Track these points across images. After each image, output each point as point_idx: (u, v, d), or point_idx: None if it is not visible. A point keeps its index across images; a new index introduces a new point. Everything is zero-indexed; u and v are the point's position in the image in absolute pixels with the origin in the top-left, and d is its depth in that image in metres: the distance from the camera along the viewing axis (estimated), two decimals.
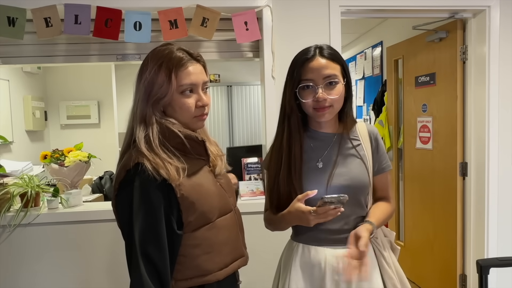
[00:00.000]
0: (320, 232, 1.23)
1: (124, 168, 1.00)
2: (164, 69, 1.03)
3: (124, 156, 1.06)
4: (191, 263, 1.04)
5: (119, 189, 1.02)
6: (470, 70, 2.46)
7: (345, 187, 1.19)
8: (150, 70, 1.04)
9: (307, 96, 1.18)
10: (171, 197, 0.99)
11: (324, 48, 1.20)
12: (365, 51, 4.19)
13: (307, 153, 1.24)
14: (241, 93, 5.35)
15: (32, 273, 2.06)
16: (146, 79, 1.04)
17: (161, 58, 1.04)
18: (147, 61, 1.06)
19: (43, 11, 1.98)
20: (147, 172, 0.96)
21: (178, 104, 1.05)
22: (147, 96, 1.03)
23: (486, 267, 1.37)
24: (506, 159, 2.38)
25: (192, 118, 1.08)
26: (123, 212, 1.01)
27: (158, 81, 1.03)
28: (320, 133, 1.27)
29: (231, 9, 2.10)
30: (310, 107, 1.19)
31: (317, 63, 1.17)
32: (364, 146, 1.27)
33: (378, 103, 3.69)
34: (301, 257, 1.25)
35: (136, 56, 2.26)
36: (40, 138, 3.96)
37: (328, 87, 1.17)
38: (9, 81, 3.46)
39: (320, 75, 1.16)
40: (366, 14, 2.37)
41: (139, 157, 0.99)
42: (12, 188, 2.02)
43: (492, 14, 2.30)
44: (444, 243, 2.71)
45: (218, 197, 1.09)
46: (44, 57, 2.23)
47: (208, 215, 1.05)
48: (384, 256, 1.25)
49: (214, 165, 1.15)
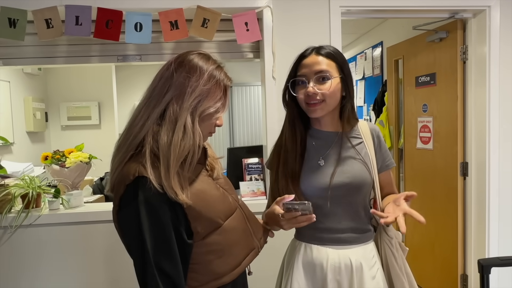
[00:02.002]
0: (322, 231, 1.23)
1: (124, 183, 0.95)
2: (222, 87, 1.04)
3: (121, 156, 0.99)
4: (205, 269, 1.03)
5: (120, 205, 0.97)
6: (471, 70, 2.46)
7: (346, 185, 1.20)
8: (205, 81, 1.00)
9: (300, 91, 1.21)
10: (177, 208, 0.97)
11: (323, 47, 1.23)
12: (365, 51, 4.19)
13: (309, 152, 1.25)
14: (242, 93, 5.36)
15: (33, 274, 2.06)
16: (197, 87, 0.99)
17: (216, 74, 1.03)
18: (195, 67, 1.01)
19: (44, 12, 1.98)
20: (149, 185, 0.92)
21: (213, 119, 1.05)
22: (196, 104, 0.99)
23: (488, 267, 1.37)
24: (507, 159, 2.38)
25: (208, 134, 1.08)
26: (130, 229, 0.96)
27: (216, 96, 1.02)
28: (322, 131, 1.27)
29: (232, 10, 2.10)
30: (303, 102, 1.21)
31: (310, 60, 1.20)
32: (366, 144, 1.27)
33: (378, 103, 3.69)
34: (304, 257, 1.25)
35: (136, 57, 2.26)
36: (41, 139, 3.96)
37: (319, 82, 1.18)
38: (10, 82, 3.46)
39: (312, 71, 1.19)
40: (366, 14, 2.37)
41: (141, 169, 0.93)
42: (13, 189, 2.02)
43: (493, 14, 2.30)
44: (445, 243, 2.71)
45: (222, 200, 1.09)
46: (45, 58, 2.23)
47: (215, 220, 1.04)
48: (396, 256, 1.25)
49: (212, 168, 1.13)
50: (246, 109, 5.37)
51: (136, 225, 0.93)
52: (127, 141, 0.99)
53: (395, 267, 1.24)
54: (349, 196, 1.22)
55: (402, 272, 1.25)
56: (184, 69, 1.00)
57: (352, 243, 1.23)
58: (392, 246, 1.26)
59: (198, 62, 1.02)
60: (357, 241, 1.24)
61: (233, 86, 5.29)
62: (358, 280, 1.19)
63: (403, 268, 1.26)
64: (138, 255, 0.95)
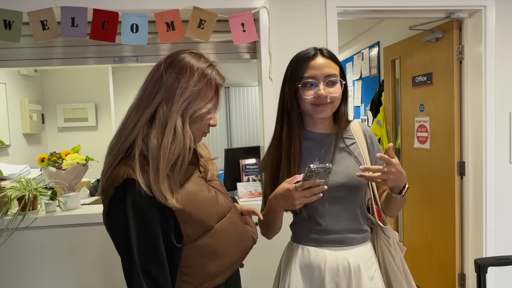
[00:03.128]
0: (319, 232, 1.23)
1: (113, 185, 0.94)
2: (214, 87, 1.00)
3: (111, 159, 0.98)
4: (198, 272, 1.02)
5: (109, 207, 0.97)
6: (467, 69, 2.47)
7: (342, 185, 1.20)
8: (195, 82, 0.97)
9: (308, 93, 1.20)
10: (166, 212, 0.95)
11: (324, 49, 1.24)
12: (362, 51, 4.20)
13: (303, 154, 1.25)
14: (239, 94, 5.36)
15: (30, 276, 2.05)
16: (187, 88, 0.97)
17: (207, 73, 1.00)
18: (185, 68, 0.99)
19: (39, 14, 1.97)
20: (138, 188, 0.91)
21: (206, 120, 1.03)
22: (186, 106, 0.97)
23: (484, 266, 1.37)
24: (504, 158, 2.39)
25: (201, 134, 1.07)
26: (118, 231, 0.96)
27: (207, 97, 0.99)
28: (316, 133, 1.28)
29: (228, 10, 2.10)
30: (309, 103, 1.20)
31: (319, 62, 1.21)
32: (359, 144, 1.28)
33: (375, 103, 3.70)
34: (301, 259, 1.24)
35: (133, 58, 2.26)
36: (37, 141, 3.94)
37: (329, 85, 1.20)
38: (6, 84, 3.45)
39: (322, 73, 1.20)
40: (362, 14, 2.38)
41: (130, 172, 0.93)
42: (10, 192, 2.01)
43: (488, 14, 2.31)
44: (443, 242, 2.71)
45: (214, 202, 1.07)
46: (41, 60, 2.22)
47: (206, 222, 1.02)
48: (394, 256, 1.25)
49: (206, 169, 1.11)
50: (243, 109, 5.36)
51: (123, 227, 0.93)
52: (117, 143, 0.99)
53: (394, 267, 1.24)
54: (345, 196, 1.22)
55: (400, 272, 1.24)
56: (174, 70, 0.99)
57: (350, 244, 1.23)
58: (390, 246, 1.26)
59: (189, 61, 1.00)
60: (354, 242, 1.23)
61: (230, 87, 5.30)
62: (357, 282, 1.19)
63: (401, 267, 1.26)
64: (125, 257, 0.95)
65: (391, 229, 1.30)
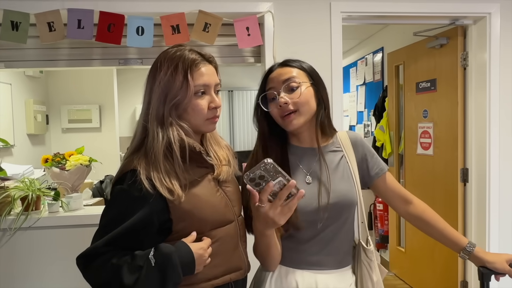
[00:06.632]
0: (299, 252, 1.15)
1: (121, 171, 1.02)
2: (180, 70, 1.01)
3: (126, 156, 1.08)
4: None
5: (111, 189, 1.06)
6: (471, 76, 2.46)
7: (333, 205, 1.13)
8: (165, 72, 1.01)
9: (272, 106, 1.16)
10: (160, 203, 0.97)
11: (289, 59, 1.20)
12: (366, 56, 4.20)
13: (293, 170, 1.17)
14: (242, 98, 5.37)
15: (32, 276, 2.05)
16: (162, 80, 1.01)
17: (175, 59, 1.02)
18: (160, 63, 1.04)
19: (46, 15, 1.99)
20: (136, 177, 0.96)
21: (191, 105, 1.02)
22: (164, 98, 1.01)
23: (488, 274, 1.37)
24: (507, 165, 2.38)
25: (205, 121, 1.05)
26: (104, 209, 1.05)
27: (176, 83, 1.01)
28: (300, 148, 1.20)
29: (233, 14, 2.11)
30: (278, 116, 1.15)
31: (276, 73, 1.18)
32: (347, 156, 1.21)
33: (379, 109, 3.69)
34: (276, 281, 1.14)
35: (138, 60, 2.27)
36: (41, 142, 3.96)
37: (289, 91, 1.13)
38: (11, 84, 3.47)
39: (279, 82, 1.15)
40: (367, 20, 2.38)
41: (135, 163, 1.00)
42: (13, 192, 2.02)
43: (493, 21, 2.31)
44: (445, 249, 2.66)
45: (214, 208, 1.04)
46: (46, 61, 2.24)
47: (198, 225, 1.01)
48: (373, 281, 1.19)
49: (219, 172, 1.09)
50: (246, 113, 5.37)
51: (107, 204, 1.03)
52: (132, 141, 1.08)
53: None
54: (333, 216, 1.14)
55: None
56: (154, 66, 1.06)
57: (332, 267, 1.16)
58: (370, 269, 1.19)
59: (162, 55, 1.05)
60: (337, 265, 1.17)
61: (233, 91, 5.31)
62: None
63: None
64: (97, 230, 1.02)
65: (374, 250, 1.23)
